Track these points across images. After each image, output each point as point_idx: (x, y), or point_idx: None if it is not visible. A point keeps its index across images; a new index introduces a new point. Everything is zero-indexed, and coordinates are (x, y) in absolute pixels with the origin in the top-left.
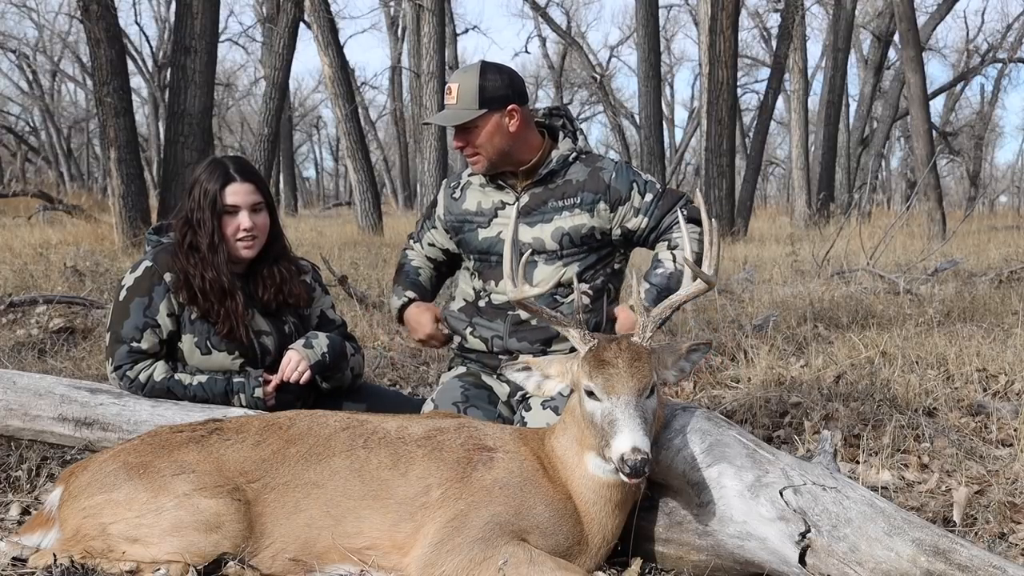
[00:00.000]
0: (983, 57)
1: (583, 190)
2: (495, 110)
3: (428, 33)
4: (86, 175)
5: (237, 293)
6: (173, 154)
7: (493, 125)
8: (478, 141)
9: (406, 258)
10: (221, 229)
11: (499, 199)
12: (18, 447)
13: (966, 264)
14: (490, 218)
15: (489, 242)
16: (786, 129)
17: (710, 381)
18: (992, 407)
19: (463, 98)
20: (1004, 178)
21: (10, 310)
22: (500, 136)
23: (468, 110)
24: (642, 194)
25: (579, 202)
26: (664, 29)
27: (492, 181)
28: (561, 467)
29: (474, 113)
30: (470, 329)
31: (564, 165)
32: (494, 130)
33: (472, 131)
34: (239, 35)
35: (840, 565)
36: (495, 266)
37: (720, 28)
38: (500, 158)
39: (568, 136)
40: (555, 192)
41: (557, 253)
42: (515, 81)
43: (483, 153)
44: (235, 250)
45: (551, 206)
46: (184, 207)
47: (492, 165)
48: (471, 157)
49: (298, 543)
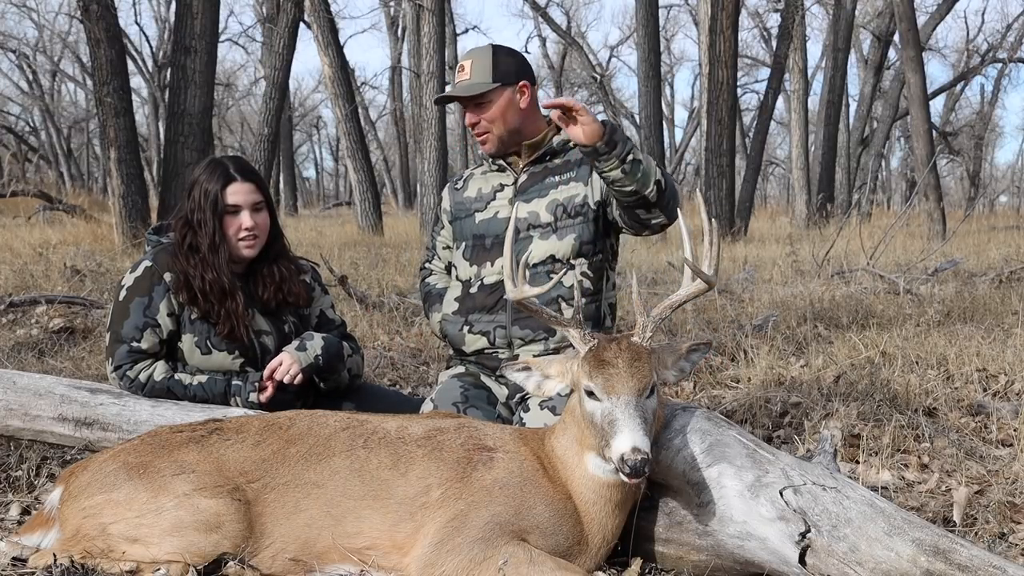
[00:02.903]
0: (983, 57)
1: (579, 165)
2: (508, 84)
3: (428, 33)
4: (86, 175)
5: (237, 293)
6: (173, 154)
7: (506, 100)
8: (491, 116)
9: (428, 285)
10: (222, 229)
11: (498, 182)
12: (18, 447)
13: (966, 264)
14: (488, 201)
15: (485, 224)
16: (786, 129)
17: (710, 381)
18: (992, 407)
19: (477, 73)
20: (1004, 178)
21: (10, 310)
22: (512, 112)
23: (482, 83)
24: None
25: (575, 175)
26: (664, 29)
27: (494, 164)
28: (561, 467)
29: (488, 86)
30: (467, 328)
31: (564, 148)
32: (506, 105)
33: (485, 106)
34: (239, 35)
35: (840, 565)
36: (490, 248)
37: (720, 28)
38: (510, 136)
39: None
40: (553, 170)
41: (552, 226)
42: (525, 62)
43: (494, 130)
44: (236, 250)
45: (548, 182)
46: (184, 208)
47: (502, 144)
48: (482, 135)
49: (298, 543)
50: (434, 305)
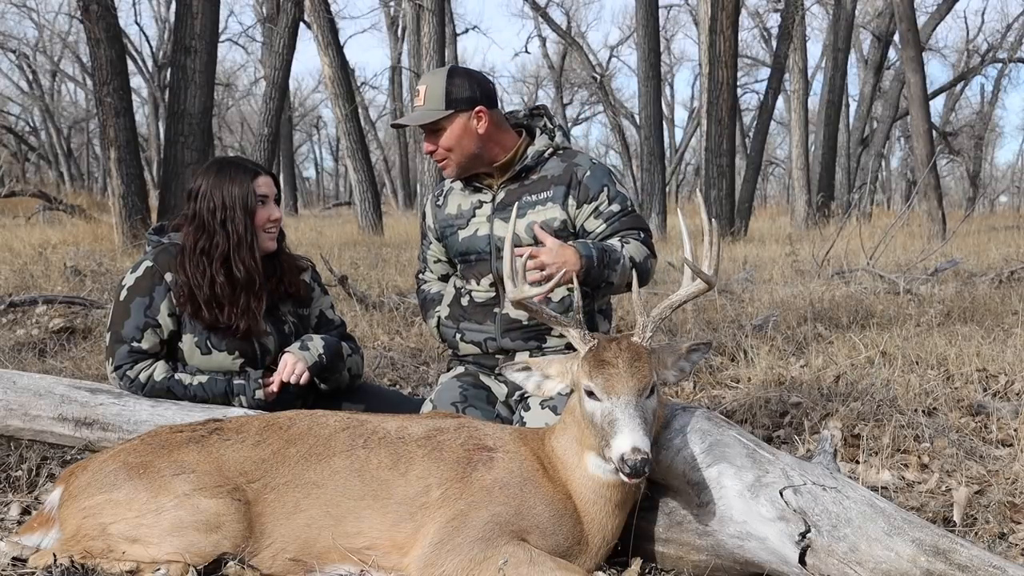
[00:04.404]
0: (983, 57)
1: (556, 184)
2: (462, 111)
3: (428, 33)
4: (86, 175)
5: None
6: (173, 154)
7: (460, 126)
8: (446, 144)
9: (424, 292)
10: (253, 223)
11: (476, 199)
12: (18, 447)
13: (966, 264)
14: (468, 219)
15: (468, 242)
16: (786, 129)
17: (710, 381)
18: (992, 407)
19: (430, 99)
20: (1004, 178)
21: (10, 310)
22: (468, 138)
23: (435, 111)
24: (610, 201)
25: (551, 196)
26: (664, 29)
27: (468, 184)
28: (561, 467)
29: (440, 113)
30: (460, 335)
31: (539, 161)
32: (461, 132)
33: (439, 133)
34: (239, 35)
35: (840, 565)
36: (474, 264)
37: (720, 28)
38: (469, 161)
39: (545, 133)
40: (530, 188)
41: (532, 246)
42: (483, 84)
43: (452, 157)
44: (261, 241)
45: (525, 201)
46: (193, 210)
47: (462, 169)
48: (441, 162)
49: (298, 543)
50: (430, 309)
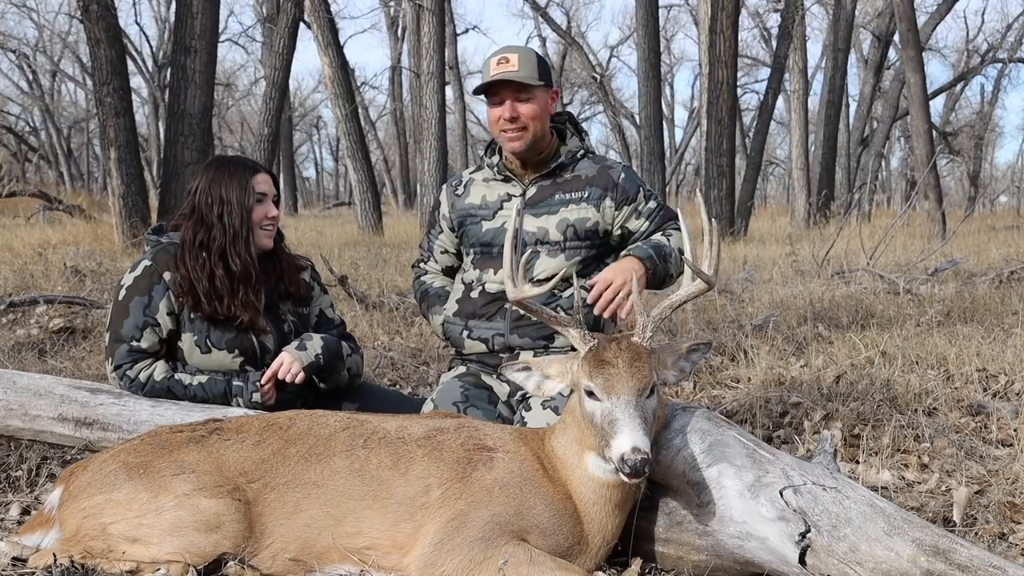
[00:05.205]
0: (983, 57)
1: (591, 185)
2: (547, 87)
3: (428, 33)
4: (86, 175)
5: (260, 279)
6: (173, 154)
7: (544, 101)
8: (531, 113)
9: (424, 284)
10: (250, 219)
11: (505, 192)
12: (18, 447)
13: (966, 264)
14: (495, 210)
15: (492, 233)
16: (786, 129)
17: (710, 381)
18: (992, 407)
19: (525, 66)
20: (1004, 178)
21: (10, 310)
22: (546, 115)
23: (532, 77)
24: (647, 199)
25: (586, 196)
26: (664, 29)
27: (499, 174)
28: (561, 467)
29: (536, 82)
30: (467, 333)
31: (573, 160)
32: (544, 106)
33: (527, 102)
34: (239, 35)
35: (840, 565)
36: (496, 256)
37: (720, 28)
38: (538, 140)
39: (575, 135)
40: (563, 186)
41: (560, 245)
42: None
43: (531, 128)
44: (258, 238)
45: (558, 199)
46: (193, 203)
47: (534, 143)
48: (518, 132)
49: (298, 543)
50: (434, 306)
